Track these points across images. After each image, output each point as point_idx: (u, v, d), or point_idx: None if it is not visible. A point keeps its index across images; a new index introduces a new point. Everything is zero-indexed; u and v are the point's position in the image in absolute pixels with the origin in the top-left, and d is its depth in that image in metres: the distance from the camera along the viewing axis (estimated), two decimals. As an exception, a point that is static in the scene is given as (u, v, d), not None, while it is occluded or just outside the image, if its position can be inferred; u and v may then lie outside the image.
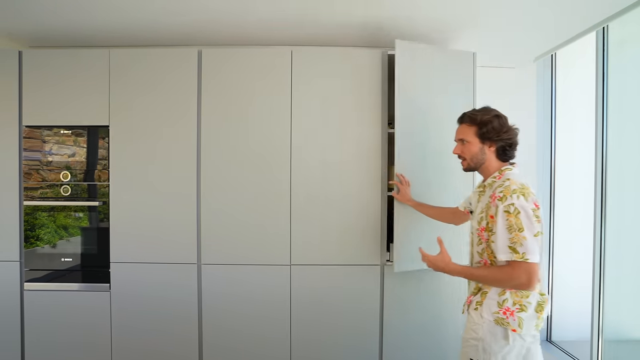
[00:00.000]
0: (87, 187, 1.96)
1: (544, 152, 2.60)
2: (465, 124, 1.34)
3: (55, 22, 1.91)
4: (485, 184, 1.34)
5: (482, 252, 1.29)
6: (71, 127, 1.95)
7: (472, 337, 1.26)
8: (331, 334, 1.93)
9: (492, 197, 1.23)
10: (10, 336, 1.93)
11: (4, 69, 1.92)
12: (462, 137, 1.34)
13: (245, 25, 1.94)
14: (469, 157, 1.33)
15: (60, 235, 1.96)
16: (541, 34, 2.08)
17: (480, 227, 1.28)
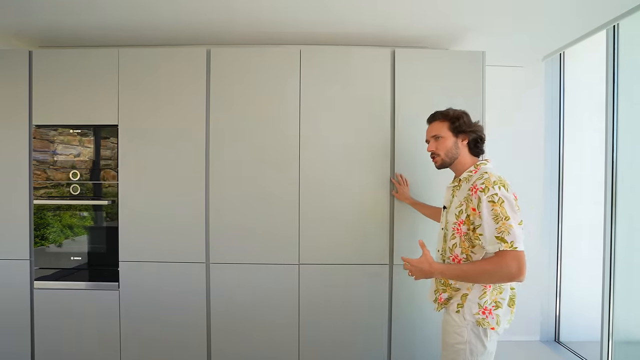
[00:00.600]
0: (96, 186, 1.97)
1: (552, 151, 2.58)
2: (438, 121, 1.39)
3: (65, 21, 1.93)
4: (460, 178, 1.35)
5: (454, 247, 1.29)
6: (80, 126, 1.96)
7: (457, 342, 1.25)
8: (339, 332, 1.92)
9: (473, 190, 1.23)
10: (20, 334, 1.94)
11: (14, 69, 1.93)
12: (435, 133, 1.38)
13: (257, 23, 1.95)
14: (444, 152, 1.36)
15: (66, 234, 1.97)
16: (550, 32, 2.07)
17: (458, 220, 1.28)
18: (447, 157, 1.36)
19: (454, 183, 1.38)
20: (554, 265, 2.59)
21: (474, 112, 1.91)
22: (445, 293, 1.32)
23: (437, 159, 1.38)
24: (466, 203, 1.26)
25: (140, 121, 1.93)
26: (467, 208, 1.25)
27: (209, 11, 1.81)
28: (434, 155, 1.39)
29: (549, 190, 2.59)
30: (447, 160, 1.37)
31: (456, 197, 1.32)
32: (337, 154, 1.92)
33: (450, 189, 1.39)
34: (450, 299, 1.31)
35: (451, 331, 1.27)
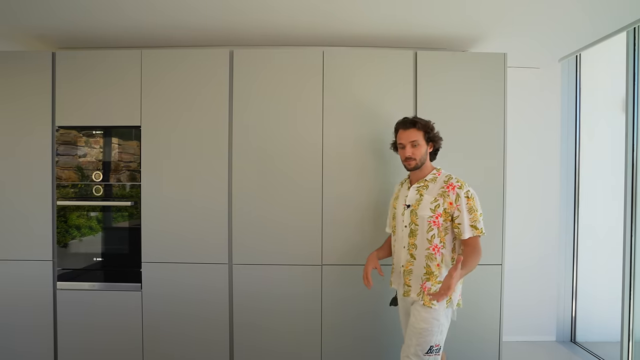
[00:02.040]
0: (119, 188, 1.97)
1: (569, 151, 2.59)
2: (416, 129, 1.53)
3: (87, 23, 1.93)
4: (427, 179, 1.54)
5: (432, 238, 1.48)
6: (103, 127, 1.96)
7: (431, 326, 1.43)
8: (362, 332, 1.93)
9: (450, 187, 1.46)
10: (44, 334, 1.94)
11: (38, 71, 1.93)
12: (415, 139, 1.52)
13: (275, 26, 1.96)
14: (419, 157, 1.52)
15: (90, 237, 1.98)
16: (569, 34, 2.08)
17: (435, 214, 1.47)
18: (420, 162, 1.52)
19: (420, 184, 1.54)
20: (570, 265, 2.60)
21: (496, 114, 1.94)
22: (429, 282, 1.48)
23: (412, 162, 1.52)
24: (442, 199, 1.46)
25: (163, 122, 1.94)
26: (443, 202, 1.46)
27: (231, 13, 1.82)
28: (411, 159, 1.52)
29: (565, 189, 2.60)
30: (419, 165, 1.53)
31: (426, 195, 1.50)
32: (360, 156, 1.93)
33: (415, 189, 1.54)
34: (432, 287, 1.47)
35: (428, 317, 1.44)
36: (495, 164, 1.94)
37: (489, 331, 1.96)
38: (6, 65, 1.94)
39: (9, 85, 1.94)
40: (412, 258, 1.52)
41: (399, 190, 1.66)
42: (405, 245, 1.53)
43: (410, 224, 1.52)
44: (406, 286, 1.53)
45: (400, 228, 1.56)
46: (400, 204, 1.58)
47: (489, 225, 1.92)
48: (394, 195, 1.68)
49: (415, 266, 1.51)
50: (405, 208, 1.54)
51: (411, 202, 1.53)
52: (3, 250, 1.95)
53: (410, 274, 1.52)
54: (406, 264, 1.53)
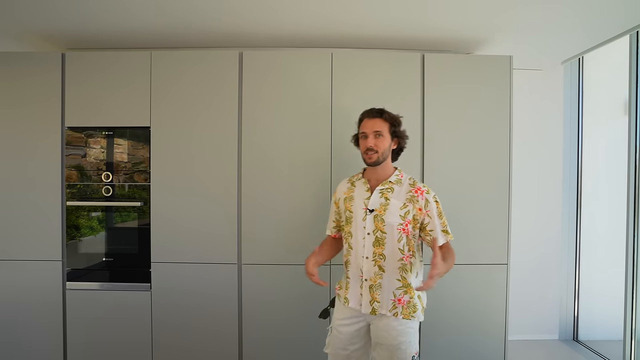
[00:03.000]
0: (128, 188, 1.98)
1: (571, 152, 2.63)
2: (381, 119, 1.38)
3: (96, 24, 1.94)
4: (391, 180, 1.39)
5: (403, 247, 1.34)
6: (113, 128, 1.97)
7: (410, 336, 1.34)
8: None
9: (419, 192, 1.35)
10: (53, 334, 1.95)
11: (47, 72, 1.94)
12: (379, 129, 1.36)
13: (284, 27, 1.98)
14: (381, 150, 1.35)
15: (100, 237, 1.99)
16: (572, 37, 2.11)
17: (405, 221, 1.33)
18: (382, 156, 1.36)
19: (384, 186, 1.38)
20: (573, 263, 2.63)
21: (502, 116, 1.97)
22: (407, 295, 1.34)
23: (374, 155, 1.35)
24: (412, 204, 1.34)
25: (173, 123, 1.95)
26: (413, 208, 1.34)
27: (238, 15, 1.84)
28: (372, 152, 1.34)
29: (568, 189, 2.63)
30: (381, 160, 1.36)
31: (393, 199, 1.35)
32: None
33: (379, 191, 1.37)
34: (411, 299, 1.34)
35: (405, 329, 1.33)
36: (501, 165, 1.97)
37: (494, 331, 1.99)
38: (16, 66, 1.94)
39: (19, 86, 1.95)
40: (381, 270, 1.33)
41: (350, 189, 1.46)
42: (368, 255, 1.34)
43: (375, 232, 1.34)
44: (376, 303, 1.33)
45: (361, 235, 1.36)
46: (358, 208, 1.38)
47: (495, 226, 1.97)
48: (344, 195, 1.47)
49: (385, 279, 1.33)
50: (367, 213, 1.35)
51: (375, 207, 1.35)
52: (13, 251, 1.95)
53: (380, 288, 1.33)
54: (374, 277, 1.34)
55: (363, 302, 1.35)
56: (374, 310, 1.33)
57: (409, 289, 1.34)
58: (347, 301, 1.39)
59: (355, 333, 1.39)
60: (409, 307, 1.33)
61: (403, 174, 1.43)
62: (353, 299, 1.38)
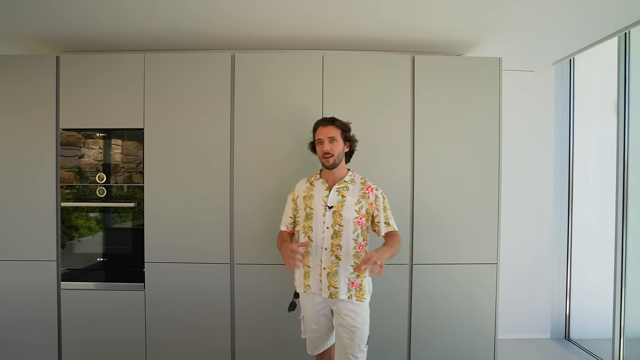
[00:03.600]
0: (122, 189, 2.01)
1: (562, 151, 2.65)
2: (334, 126, 1.56)
3: (91, 27, 1.97)
4: (346, 180, 1.60)
5: (357, 237, 1.54)
6: (107, 130, 2.00)
7: (366, 318, 1.55)
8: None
9: (370, 189, 1.57)
10: (48, 333, 1.98)
11: (42, 74, 1.97)
12: (333, 135, 1.55)
13: (278, 28, 2.00)
14: (336, 153, 1.55)
15: (94, 237, 2.01)
16: (563, 38, 2.13)
17: (359, 215, 1.54)
18: (337, 159, 1.55)
19: (340, 185, 1.58)
20: (564, 263, 2.66)
21: (491, 117, 1.99)
22: (359, 279, 1.54)
23: (331, 159, 1.54)
24: (364, 200, 1.55)
25: (166, 125, 1.97)
26: (365, 204, 1.55)
27: (230, 19, 1.86)
28: (329, 155, 1.53)
29: (560, 188, 2.65)
30: (337, 162, 1.56)
31: (348, 197, 1.55)
32: (361, 157, 1.96)
33: (336, 190, 1.57)
34: (362, 282, 1.54)
35: (361, 312, 1.53)
36: (490, 165, 1.99)
37: (484, 329, 2.01)
38: (12, 68, 1.97)
39: (15, 88, 1.97)
40: (337, 259, 1.51)
41: (310, 189, 1.62)
42: (326, 247, 1.52)
43: (333, 225, 1.52)
44: (333, 288, 1.51)
45: (321, 229, 1.53)
46: (318, 205, 1.55)
47: (485, 226, 1.99)
48: (303, 194, 1.62)
49: (341, 267, 1.51)
50: (326, 209, 1.54)
51: (333, 204, 1.54)
52: (9, 251, 1.98)
53: (336, 275, 1.51)
54: (330, 265, 1.52)
55: (322, 287, 1.54)
56: (331, 294, 1.52)
57: (360, 273, 1.53)
58: (309, 288, 1.57)
59: (322, 317, 1.59)
60: (361, 290, 1.54)
61: (355, 174, 1.64)
62: (314, 285, 1.57)
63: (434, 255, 1.99)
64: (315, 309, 1.58)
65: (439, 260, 2.00)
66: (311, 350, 1.67)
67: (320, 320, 1.60)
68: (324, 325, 1.61)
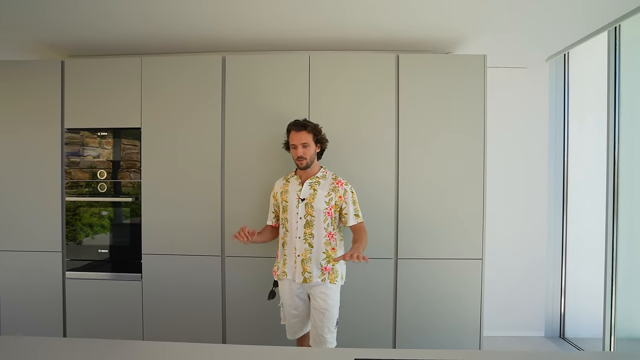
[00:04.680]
0: (121, 185, 2.13)
1: (557, 152, 2.62)
2: (306, 131, 1.68)
3: (91, 32, 2.09)
4: (318, 176, 1.73)
5: (328, 227, 1.69)
6: (107, 129, 2.13)
7: (335, 303, 1.67)
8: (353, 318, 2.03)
9: (339, 184, 1.72)
10: (53, 319, 2.12)
11: (48, 78, 2.11)
12: (305, 141, 1.67)
13: (266, 30, 2.08)
14: (309, 157, 1.69)
15: (96, 230, 2.15)
16: (553, 33, 2.12)
17: (329, 206, 1.68)
18: (310, 161, 1.70)
19: (312, 180, 1.72)
20: (559, 261, 2.63)
21: (476, 114, 2.01)
22: (330, 263, 1.67)
23: (304, 162, 1.68)
24: (334, 193, 1.70)
25: (161, 124, 2.08)
26: (335, 197, 1.69)
27: (219, 24, 1.95)
28: (302, 159, 1.67)
29: (554, 186, 2.63)
30: (309, 164, 1.71)
31: (319, 190, 1.69)
32: (346, 155, 2.03)
33: (309, 184, 1.71)
34: (334, 266, 1.68)
35: (332, 294, 1.66)
36: (475, 162, 2.02)
37: (469, 325, 2.03)
38: (21, 72, 2.12)
39: (23, 91, 2.13)
40: (310, 247, 1.67)
41: (286, 185, 1.77)
42: (300, 235, 1.67)
43: (305, 216, 1.67)
44: (306, 273, 1.66)
45: (295, 220, 1.69)
46: (292, 198, 1.70)
47: (471, 221, 2.01)
48: (280, 190, 1.78)
49: (313, 253, 1.67)
50: (299, 202, 1.69)
51: (306, 196, 1.69)
52: (18, 242, 2.14)
53: (310, 261, 1.66)
54: (304, 252, 1.67)
55: (297, 273, 1.68)
56: (305, 279, 1.66)
57: (330, 258, 1.68)
58: (285, 274, 1.71)
59: (300, 302, 1.72)
60: (333, 273, 1.68)
61: (327, 171, 1.79)
62: (289, 272, 1.70)
63: (419, 250, 2.03)
64: (293, 294, 1.71)
65: (424, 255, 2.03)
66: (291, 335, 1.79)
67: (298, 305, 1.73)
68: (302, 310, 1.74)
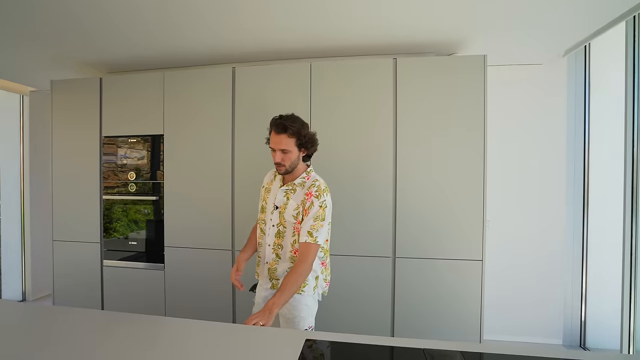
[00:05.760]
0: (147, 185, 2.41)
1: (576, 151, 2.49)
2: (287, 135, 1.44)
3: (127, 53, 2.39)
4: (295, 183, 1.52)
5: (294, 243, 1.49)
6: (136, 136, 2.42)
7: (302, 312, 1.47)
8: (352, 310, 2.13)
9: (308, 195, 1.46)
10: (93, 300, 2.47)
11: (89, 93, 2.46)
12: (284, 147, 1.45)
13: (268, 43, 2.24)
14: (289, 164, 1.47)
15: (128, 225, 2.45)
16: (568, 27, 2.01)
17: (296, 220, 1.47)
18: (290, 167, 1.49)
19: (289, 187, 1.52)
20: (579, 264, 2.50)
21: (476, 115, 2.00)
22: None
23: (282, 169, 1.48)
24: (302, 206, 1.47)
25: (180, 130, 2.33)
26: (302, 210, 1.47)
27: (230, 38, 2.14)
28: (280, 165, 1.48)
29: (573, 189, 2.50)
30: (289, 170, 1.50)
31: (292, 200, 1.49)
32: (346, 160, 2.12)
33: (284, 191, 1.52)
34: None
35: (298, 305, 1.47)
36: (475, 163, 2.01)
37: (469, 327, 2.03)
38: (68, 89, 2.49)
39: (70, 105, 2.49)
40: (278, 257, 1.52)
41: (271, 182, 1.62)
42: (270, 243, 1.53)
43: (278, 225, 1.52)
44: (274, 280, 1.53)
45: (269, 226, 1.54)
46: (270, 202, 1.56)
47: (470, 222, 2.01)
48: (266, 186, 1.64)
49: (280, 265, 1.52)
50: (274, 208, 1.54)
51: (279, 204, 1.52)
52: (65, 234, 2.51)
53: (275, 271, 1.53)
54: (271, 262, 1.53)
55: (265, 280, 1.57)
56: (273, 285, 1.54)
57: None
58: (258, 275, 1.62)
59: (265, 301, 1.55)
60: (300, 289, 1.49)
61: (310, 176, 1.54)
62: (261, 274, 1.60)
63: (417, 249, 2.07)
64: (263, 294, 1.58)
65: (422, 255, 2.07)
66: None
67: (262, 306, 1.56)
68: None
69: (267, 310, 1.27)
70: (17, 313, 1.23)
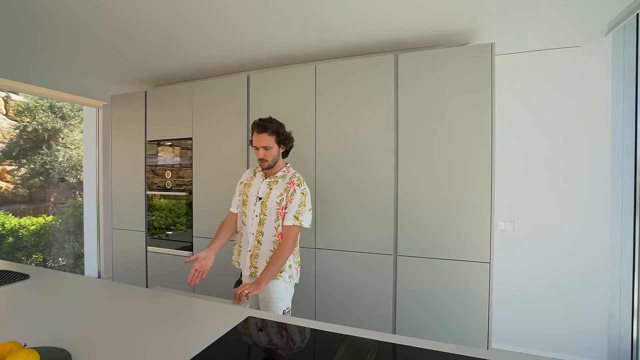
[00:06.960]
0: (180, 183, 2.75)
1: (625, 142, 2.15)
2: (267, 134, 1.67)
3: (165, 68, 2.76)
4: (277, 176, 1.74)
5: (279, 227, 1.69)
6: (171, 139, 2.77)
7: (280, 293, 1.66)
8: (351, 307, 2.17)
9: (291, 184, 1.70)
10: (139, 277, 2.90)
11: (137, 104, 2.89)
12: (266, 144, 1.67)
13: (275, 49, 2.38)
14: (271, 159, 1.70)
15: (168, 220, 2.82)
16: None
17: (280, 206, 1.69)
18: (272, 162, 1.71)
19: (271, 179, 1.74)
20: (629, 276, 2.16)
21: (483, 105, 1.90)
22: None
23: (265, 164, 1.70)
24: (286, 193, 1.70)
25: (205, 134, 2.61)
26: (286, 197, 1.69)
27: (244, 49, 2.33)
28: (263, 161, 1.69)
29: (620, 186, 2.17)
30: (271, 165, 1.72)
31: (274, 189, 1.71)
32: (351, 155, 2.17)
33: (267, 183, 1.74)
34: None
35: (276, 288, 1.66)
36: (482, 160, 1.89)
37: (475, 332, 1.92)
38: (122, 101, 2.96)
39: (124, 114, 2.96)
40: (259, 244, 1.70)
41: (252, 178, 1.81)
42: (253, 232, 1.72)
43: (260, 214, 1.71)
44: (252, 267, 1.70)
45: (251, 217, 1.73)
46: (253, 195, 1.75)
47: (476, 223, 1.91)
48: (245, 182, 1.81)
49: (261, 250, 1.69)
50: (257, 200, 1.73)
51: (262, 195, 1.72)
52: (123, 223, 2.99)
53: (257, 257, 1.70)
54: (253, 248, 1.71)
55: (245, 267, 1.75)
56: (251, 273, 1.72)
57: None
58: (238, 264, 1.79)
59: None
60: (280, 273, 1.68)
61: (290, 170, 1.78)
62: (242, 264, 1.77)
63: (420, 248, 2.02)
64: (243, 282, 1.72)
65: (425, 254, 2.01)
66: None
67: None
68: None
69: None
70: (92, 285, 1.55)
